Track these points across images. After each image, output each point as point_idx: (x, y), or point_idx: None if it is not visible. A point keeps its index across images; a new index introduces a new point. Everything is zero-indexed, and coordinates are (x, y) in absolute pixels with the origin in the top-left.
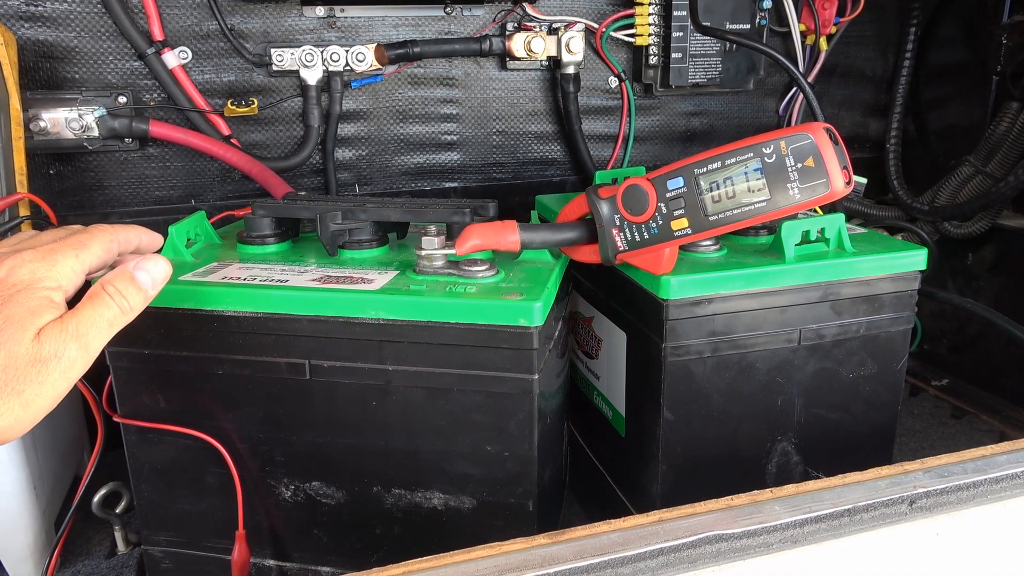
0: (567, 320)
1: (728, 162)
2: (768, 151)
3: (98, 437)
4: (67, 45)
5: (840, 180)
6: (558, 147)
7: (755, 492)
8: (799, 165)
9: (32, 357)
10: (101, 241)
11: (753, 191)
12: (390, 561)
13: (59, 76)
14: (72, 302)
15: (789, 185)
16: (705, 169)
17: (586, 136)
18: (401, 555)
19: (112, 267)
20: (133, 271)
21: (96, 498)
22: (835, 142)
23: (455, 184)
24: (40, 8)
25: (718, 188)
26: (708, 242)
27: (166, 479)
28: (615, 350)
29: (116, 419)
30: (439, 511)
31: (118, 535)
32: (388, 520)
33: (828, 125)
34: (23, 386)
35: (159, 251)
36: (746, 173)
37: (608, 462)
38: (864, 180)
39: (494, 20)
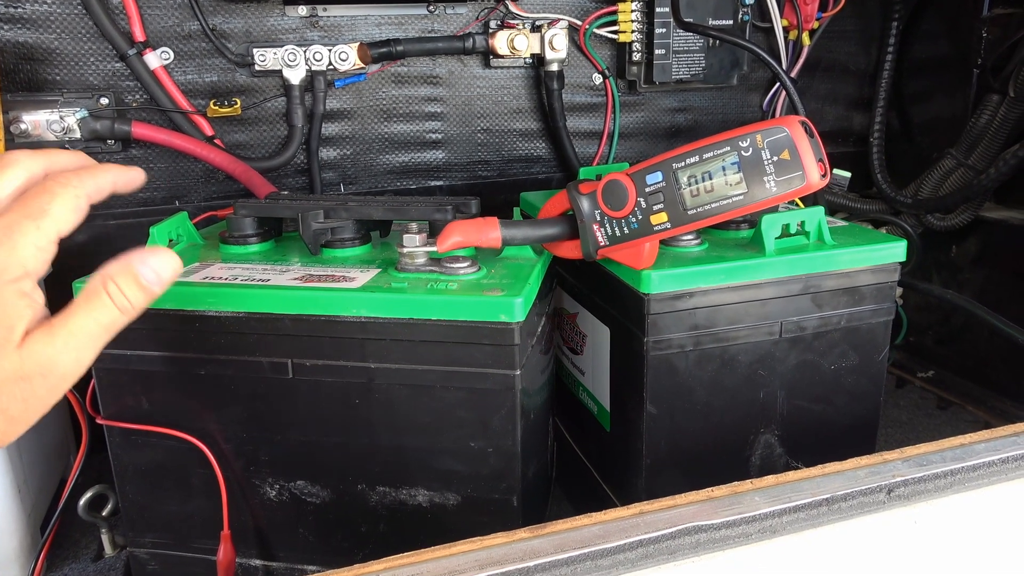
0: (551, 316)
1: (705, 156)
2: (744, 145)
3: (83, 440)
4: (47, 47)
5: (816, 172)
6: (543, 144)
7: (735, 483)
8: (775, 158)
9: (14, 373)
10: (64, 202)
11: (730, 184)
12: (376, 559)
13: (40, 78)
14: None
15: (766, 178)
16: (683, 163)
17: (571, 133)
18: (387, 553)
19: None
20: (138, 266)
21: (82, 501)
22: (810, 135)
23: (440, 182)
24: (20, 10)
25: (696, 182)
26: (689, 236)
27: (151, 480)
28: (599, 345)
29: (99, 421)
30: (424, 508)
31: (105, 538)
32: (373, 518)
33: (804, 118)
34: (7, 403)
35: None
36: (723, 167)
37: (594, 457)
38: (848, 174)
39: (477, 18)
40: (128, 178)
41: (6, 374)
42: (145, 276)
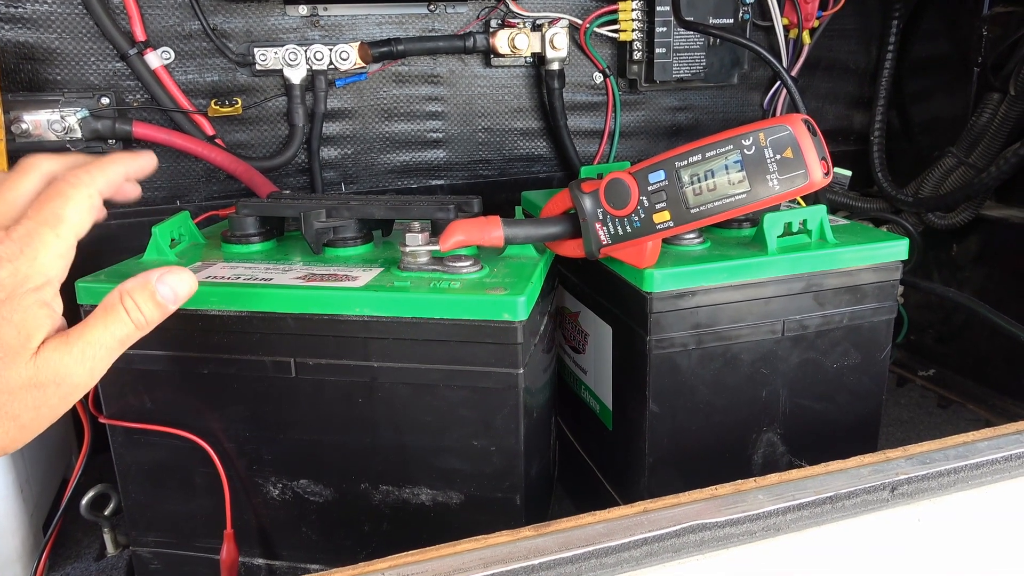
0: (553, 315)
1: (708, 155)
2: (747, 143)
3: (85, 439)
4: (48, 46)
5: (819, 171)
6: (544, 143)
7: (739, 481)
8: (778, 156)
9: (28, 381)
10: (79, 203)
11: (733, 183)
12: (379, 558)
13: (41, 78)
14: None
15: (768, 176)
16: (686, 162)
17: (572, 132)
18: (390, 551)
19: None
20: (156, 283)
21: (84, 500)
22: (813, 133)
23: (441, 181)
24: (20, 10)
25: (699, 181)
26: (691, 235)
27: (153, 480)
28: (601, 344)
29: (102, 420)
30: (427, 507)
31: (107, 537)
32: (376, 517)
33: (806, 116)
34: (18, 410)
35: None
36: (726, 165)
37: (596, 456)
38: (849, 173)
39: (478, 17)
40: (139, 165)
41: (20, 382)
42: (162, 293)
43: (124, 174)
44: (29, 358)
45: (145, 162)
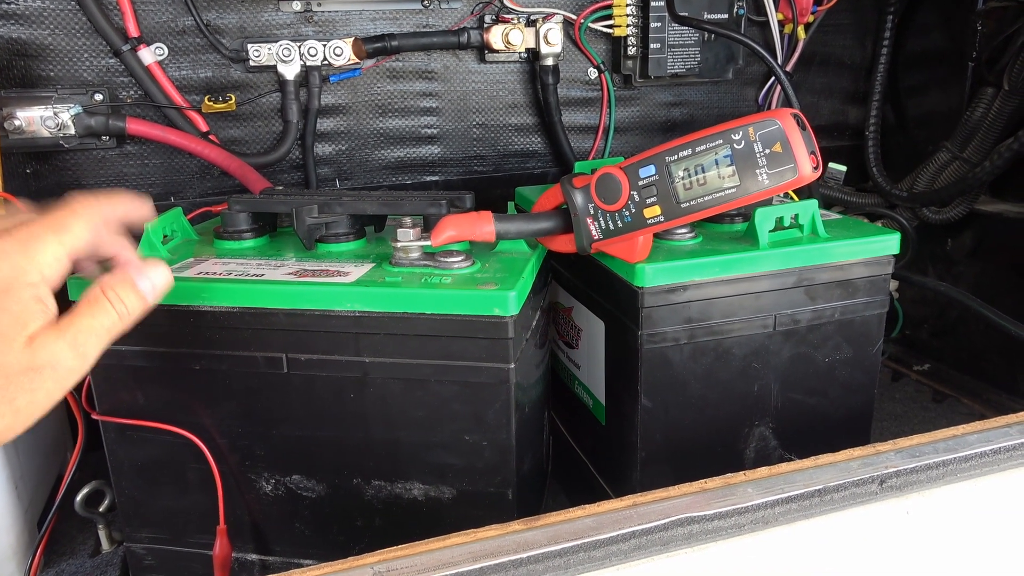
0: (546, 310)
1: (698, 149)
2: (737, 137)
3: (79, 436)
4: (41, 43)
5: (808, 165)
6: (538, 139)
7: (729, 475)
8: (767, 151)
9: (25, 365)
10: (84, 220)
11: (723, 177)
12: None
13: (33, 74)
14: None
15: (758, 171)
16: (676, 156)
17: (566, 128)
18: (383, 546)
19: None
20: (135, 277)
21: (79, 497)
22: (803, 127)
23: (436, 177)
24: (13, 6)
25: (689, 175)
26: (683, 229)
27: (147, 476)
28: (594, 339)
29: (95, 416)
30: (419, 502)
31: (102, 533)
32: (369, 512)
33: (796, 111)
34: (15, 394)
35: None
36: (716, 160)
37: (589, 451)
38: (844, 168)
39: (472, 13)
40: (139, 209)
41: (16, 367)
42: (141, 287)
43: (126, 210)
44: (24, 344)
45: (145, 209)
